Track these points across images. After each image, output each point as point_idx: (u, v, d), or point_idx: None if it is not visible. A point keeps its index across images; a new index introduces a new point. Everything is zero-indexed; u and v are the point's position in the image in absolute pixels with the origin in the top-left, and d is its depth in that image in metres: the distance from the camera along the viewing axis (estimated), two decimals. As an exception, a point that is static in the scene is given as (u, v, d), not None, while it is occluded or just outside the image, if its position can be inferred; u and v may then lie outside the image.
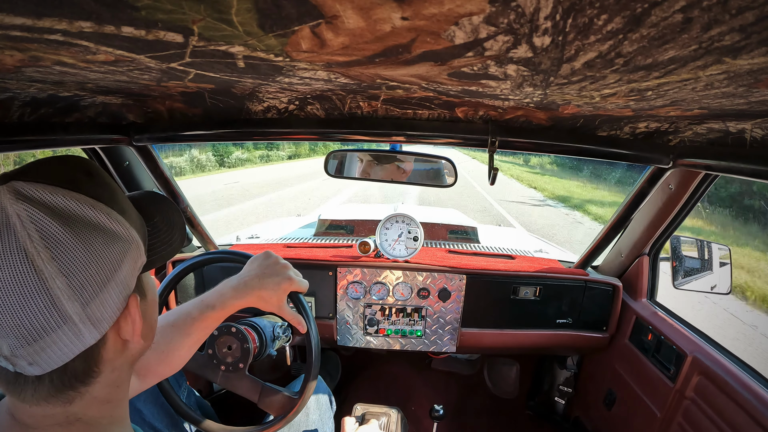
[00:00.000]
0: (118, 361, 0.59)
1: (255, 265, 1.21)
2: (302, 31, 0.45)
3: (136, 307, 0.58)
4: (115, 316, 0.55)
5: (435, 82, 0.73)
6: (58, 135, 1.07)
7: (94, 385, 0.56)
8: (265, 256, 1.22)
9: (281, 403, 1.36)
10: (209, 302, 1.12)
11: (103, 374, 0.57)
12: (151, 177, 1.76)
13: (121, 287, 0.55)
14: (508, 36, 0.44)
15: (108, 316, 0.54)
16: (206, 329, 1.13)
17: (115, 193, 0.57)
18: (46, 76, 0.71)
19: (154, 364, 1.06)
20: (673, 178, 1.60)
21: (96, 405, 0.58)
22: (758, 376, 1.39)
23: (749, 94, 0.64)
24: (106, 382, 0.58)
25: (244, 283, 1.15)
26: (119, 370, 0.60)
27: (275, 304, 1.18)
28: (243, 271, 1.21)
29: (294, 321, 1.24)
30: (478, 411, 2.79)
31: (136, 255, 0.57)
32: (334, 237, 2.99)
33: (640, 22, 0.38)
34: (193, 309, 1.11)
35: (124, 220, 0.55)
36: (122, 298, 0.56)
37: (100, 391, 0.58)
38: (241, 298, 1.13)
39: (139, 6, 0.38)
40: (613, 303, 2.06)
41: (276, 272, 1.18)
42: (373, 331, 2.13)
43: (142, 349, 0.65)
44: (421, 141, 1.28)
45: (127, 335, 0.58)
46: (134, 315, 0.58)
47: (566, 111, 0.99)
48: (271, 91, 0.96)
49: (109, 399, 0.60)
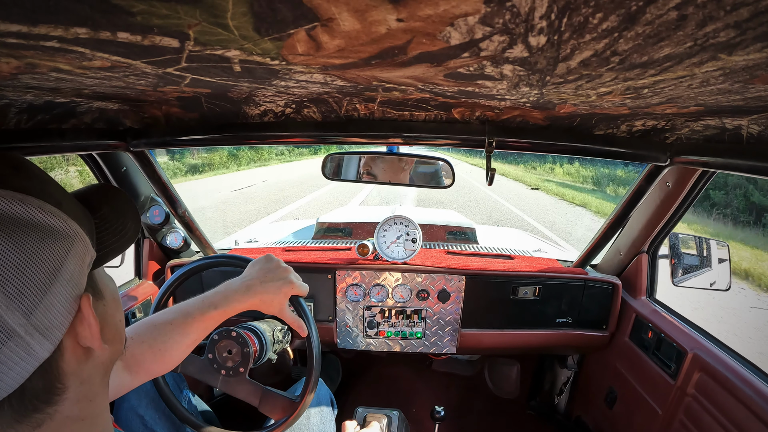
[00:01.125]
0: (84, 372, 0.52)
1: (257, 268, 1.21)
2: (298, 34, 0.45)
3: (89, 308, 0.50)
4: (68, 322, 0.48)
5: (431, 83, 0.73)
6: (55, 141, 1.06)
7: (62, 403, 0.50)
8: (266, 259, 1.23)
9: (282, 406, 1.35)
10: (211, 302, 1.12)
11: (71, 389, 0.50)
12: (148, 182, 1.76)
13: (69, 287, 0.48)
14: (503, 36, 0.44)
15: (58, 323, 0.47)
16: (205, 330, 1.12)
17: (47, 185, 0.50)
18: (43, 83, 0.70)
19: (148, 361, 1.06)
20: (671, 176, 1.60)
21: (70, 425, 0.51)
22: (759, 371, 1.39)
23: (745, 91, 0.64)
24: (76, 397, 0.51)
25: (246, 286, 1.15)
26: (89, 382, 0.53)
27: (276, 308, 1.18)
28: (245, 273, 1.21)
29: (295, 324, 1.24)
30: (479, 412, 2.79)
31: (82, 250, 0.50)
32: (332, 240, 2.99)
33: (635, 20, 0.38)
34: (193, 308, 1.11)
35: (61, 212, 0.49)
36: (72, 299, 0.49)
37: (71, 408, 0.51)
38: (243, 300, 1.13)
39: (135, 11, 0.37)
40: (612, 301, 2.07)
41: (278, 276, 1.19)
42: (373, 334, 2.13)
43: (111, 355, 0.58)
44: (418, 143, 1.28)
45: (86, 341, 0.51)
46: (88, 316, 0.50)
47: (563, 110, 0.99)
48: (267, 95, 0.96)
49: (84, 416, 0.53)
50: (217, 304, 1.11)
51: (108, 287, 0.59)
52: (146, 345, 1.05)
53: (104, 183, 0.57)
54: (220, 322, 1.14)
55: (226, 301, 1.12)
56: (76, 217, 0.51)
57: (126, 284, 2.02)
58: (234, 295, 1.13)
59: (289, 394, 1.38)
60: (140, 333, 1.07)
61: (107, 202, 0.59)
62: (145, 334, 1.07)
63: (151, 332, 1.07)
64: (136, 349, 1.04)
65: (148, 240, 2.09)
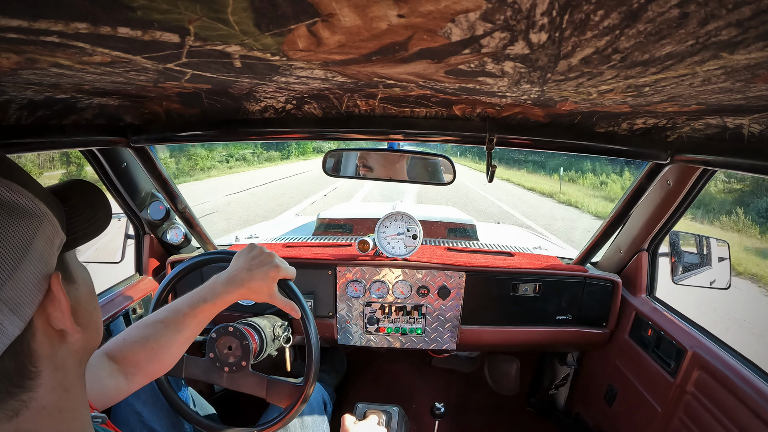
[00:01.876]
0: (58, 356, 0.52)
1: (241, 259, 1.22)
2: (299, 29, 0.44)
3: (58, 286, 0.50)
4: (37, 300, 0.48)
5: (432, 79, 0.73)
6: (56, 137, 1.07)
7: (37, 390, 0.49)
8: (249, 248, 1.23)
9: (289, 393, 1.36)
10: (200, 296, 1.12)
11: (44, 374, 0.50)
12: (149, 178, 1.76)
13: (39, 265, 0.48)
14: (504, 33, 0.44)
15: (28, 299, 0.47)
16: (198, 324, 1.13)
17: (13, 168, 0.50)
18: (43, 79, 0.70)
19: (143, 361, 1.06)
20: (671, 174, 1.60)
21: (47, 416, 0.51)
22: (758, 370, 1.39)
23: (747, 90, 0.64)
24: (51, 384, 0.51)
25: (233, 277, 1.15)
26: (63, 369, 0.52)
27: (266, 293, 1.19)
28: (230, 266, 1.21)
29: (287, 308, 1.24)
30: (479, 408, 2.79)
31: (51, 231, 0.50)
32: (332, 236, 2.99)
33: (637, 18, 0.38)
34: (183, 304, 1.11)
35: (28, 192, 0.48)
36: (41, 277, 0.48)
37: (47, 397, 0.50)
38: (232, 291, 1.14)
39: (135, 6, 0.37)
40: (612, 299, 2.07)
41: (262, 262, 1.19)
42: (373, 330, 2.13)
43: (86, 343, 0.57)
44: (419, 139, 1.28)
45: (58, 322, 0.50)
46: (59, 295, 0.50)
47: (564, 108, 0.99)
48: (268, 91, 0.96)
49: (61, 407, 0.52)
50: (206, 298, 1.12)
51: (80, 273, 0.59)
52: (138, 345, 1.06)
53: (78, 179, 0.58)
54: (212, 316, 1.14)
55: (215, 294, 1.12)
56: (44, 199, 0.51)
57: (126, 280, 2.02)
58: (221, 287, 1.14)
59: (293, 380, 1.38)
60: (132, 334, 1.08)
61: (78, 193, 0.59)
62: (137, 334, 1.07)
63: (143, 332, 1.08)
64: (128, 351, 1.05)
65: (148, 236, 2.09)
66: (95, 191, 0.62)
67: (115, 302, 1.81)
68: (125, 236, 2.07)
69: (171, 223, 2.13)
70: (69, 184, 0.60)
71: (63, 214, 0.54)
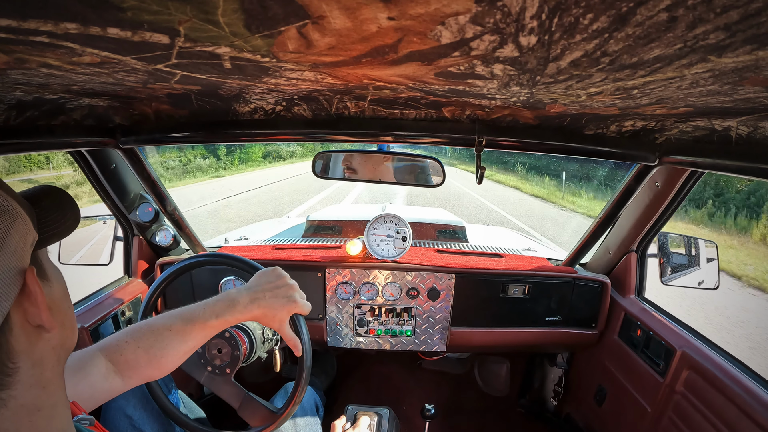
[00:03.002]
0: (36, 353, 0.52)
1: (264, 280, 1.20)
2: (289, 31, 0.44)
3: (34, 279, 0.51)
4: (13, 294, 0.49)
5: (422, 81, 0.73)
6: (44, 138, 1.06)
7: (14, 387, 0.49)
8: (276, 274, 1.22)
9: (261, 416, 1.35)
10: (213, 310, 1.11)
11: (22, 371, 0.50)
12: (138, 179, 1.75)
13: (13, 260, 0.49)
14: (494, 35, 0.44)
15: (4, 293, 0.48)
16: (205, 337, 1.12)
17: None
18: (32, 79, 0.70)
19: (143, 366, 1.04)
20: (660, 176, 1.61)
21: (25, 415, 0.51)
22: (747, 369, 1.40)
23: (734, 92, 0.65)
24: (29, 381, 0.51)
25: (252, 298, 1.14)
26: (40, 365, 0.53)
27: (277, 323, 1.18)
28: (251, 284, 1.20)
29: (291, 343, 1.23)
30: (469, 410, 2.79)
31: (24, 228, 0.51)
32: (322, 238, 2.98)
33: (626, 21, 0.38)
34: (195, 315, 1.10)
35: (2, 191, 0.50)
36: (15, 272, 0.49)
37: (25, 394, 0.51)
38: (247, 312, 1.12)
39: (125, 7, 0.37)
40: (601, 300, 2.08)
41: (284, 293, 1.18)
42: (363, 332, 2.13)
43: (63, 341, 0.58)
44: (409, 141, 1.29)
45: (35, 318, 0.51)
46: (34, 288, 0.51)
47: (553, 110, 0.99)
48: (258, 92, 0.96)
49: (39, 405, 0.53)
50: (219, 313, 1.10)
51: (53, 273, 0.60)
52: (142, 350, 1.04)
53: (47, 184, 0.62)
54: (220, 330, 1.13)
55: (230, 311, 1.11)
56: (17, 199, 0.52)
57: (115, 282, 2.00)
58: (238, 305, 1.12)
59: (271, 404, 1.37)
60: (137, 337, 1.06)
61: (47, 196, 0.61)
62: (142, 338, 1.06)
63: (148, 337, 1.06)
64: (130, 354, 1.03)
65: (137, 238, 2.07)
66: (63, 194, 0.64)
67: (104, 305, 1.79)
68: (114, 238, 2.05)
69: (160, 224, 2.11)
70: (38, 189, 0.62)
71: (34, 215, 0.55)
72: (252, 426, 1.36)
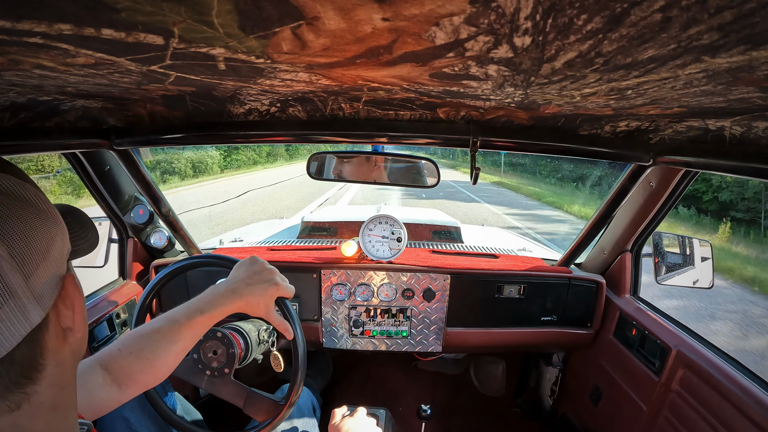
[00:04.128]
0: (61, 353, 0.54)
1: (242, 270, 1.20)
2: (283, 32, 0.44)
3: (74, 285, 0.56)
4: (55, 295, 0.52)
5: (416, 82, 0.73)
6: (39, 140, 1.05)
7: (40, 383, 0.51)
8: (251, 261, 1.22)
9: (267, 408, 1.35)
10: (197, 307, 1.10)
11: (48, 368, 0.52)
12: (132, 181, 1.74)
13: (56, 266, 0.53)
14: (488, 36, 0.44)
15: (50, 293, 0.51)
16: (194, 336, 1.11)
17: (34, 184, 0.55)
18: (26, 80, 0.69)
19: (137, 372, 1.04)
20: (654, 176, 1.62)
21: (44, 413, 0.52)
22: (742, 367, 1.41)
23: (728, 92, 0.65)
24: (51, 380, 0.53)
25: (232, 289, 1.14)
26: (63, 366, 0.55)
27: (263, 310, 1.17)
28: (230, 276, 1.20)
29: (281, 327, 1.23)
30: (465, 410, 2.80)
31: (65, 238, 0.56)
32: (317, 239, 2.98)
33: (620, 22, 0.38)
34: (179, 315, 1.09)
35: (50, 202, 0.54)
36: (58, 277, 0.53)
37: (47, 392, 0.52)
38: (230, 303, 1.12)
39: (119, 8, 0.37)
40: (596, 299, 2.08)
41: (263, 278, 1.18)
42: (359, 333, 2.13)
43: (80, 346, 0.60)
44: (403, 142, 1.28)
45: (67, 321, 0.55)
46: (72, 295, 0.55)
47: (547, 110, 0.99)
48: (252, 94, 0.95)
49: (56, 404, 0.54)
50: (203, 309, 1.10)
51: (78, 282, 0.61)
52: (134, 356, 1.04)
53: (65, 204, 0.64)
54: (208, 327, 1.13)
55: (213, 305, 1.11)
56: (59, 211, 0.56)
57: (110, 284, 2.00)
58: (220, 298, 1.12)
59: (273, 396, 1.37)
60: (128, 344, 1.06)
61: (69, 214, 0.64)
62: (133, 344, 1.05)
63: (138, 342, 1.06)
64: (123, 361, 1.03)
65: (132, 240, 2.07)
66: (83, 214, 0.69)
67: (99, 307, 1.78)
68: (108, 240, 2.04)
69: (154, 226, 2.11)
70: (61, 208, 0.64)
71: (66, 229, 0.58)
72: (260, 421, 1.36)
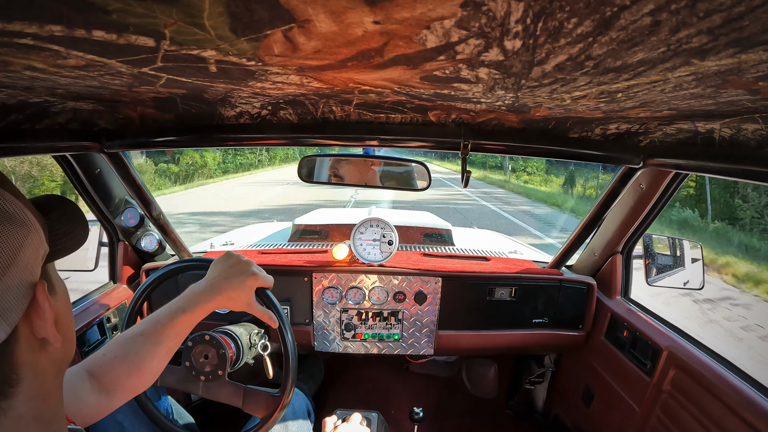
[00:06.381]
0: (39, 365, 0.52)
1: (218, 266, 1.20)
2: (274, 35, 0.44)
3: (43, 294, 0.51)
4: (23, 306, 0.49)
5: (407, 85, 0.73)
6: (28, 142, 1.04)
7: (16, 397, 0.49)
8: (226, 256, 1.22)
9: (266, 403, 1.35)
10: (179, 306, 1.10)
11: (24, 382, 0.50)
12: (123, 184, 1.73)
13: (25, 273, 0.49)
14: (479, 39, 0.44)
15: (15, 305, 0.48)
16: (177, 336, 1.10)
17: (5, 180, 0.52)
18: (16, 82, 0.69)
19: (123, 376, 1.03)
20: (644, 178, 1.63)
21: (24, 425, 0.51)
22: (732, 367, 1.42)
23: (717, 95, 0.65)
24: (30, 392, 0.51)
25: (211, 286, 1.14)
26: (42, 377, 0.53)
27: (244, 302, 1.17)
28: (207, 274, 1.20)
29: (264, 317, 1.23)
30: (458, 412, 2.80)
31: (37, 241, 0.51)
32: (308, 242, 2.97)
33: (610, 26, 0.38)
34: (161, 315, 1.09)
35: (18, 202, 0.50)
36: (27, 285, 0.50)
37: (26, 405, 0.50)
38: (210, 300, 1.12)
39: (110, 10, 0.37)
40: (588, 301, 2.09)
41: (240, 270, 1.18)
42: (351, 336, 2.12)
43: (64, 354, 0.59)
44: (394, 145, 1.29)
45: (41, 331, 0.51)
46: (43, 303, 0.51)
47: (538, 113, 1.00)
48: (243, 96, 0.95)
49: (38, 416, 0.52)
50: (184, 308, 1.09)
51: (60, 285, 0.60)
52: (118, 360, 1.03)
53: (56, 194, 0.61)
54: (191, 326, 1.12)
55: (193, 303, 1.10)
56: (32, 210, 0.52)
57: (100, 288, 1.98)
58: (200, 296, 1.12)
59: (270, 390, 1.37)
60: (112, 349, 1.05)
61: (57, 207, 0.61)
62: (117, 349, 1.05)
63: (122, 346, 1.05)
64: (108, 366, 1.02)
65: (122, 243, 2.05)
66: (73, 206, 0.64)
67: (90, 311, 1.77)
68: (98, 243, 2.03)
69: (145, 230, 2.10)
70: (48, 198, 0.61)
71: (45, 227, 0.55)
72: (261, 417, 1.35)
